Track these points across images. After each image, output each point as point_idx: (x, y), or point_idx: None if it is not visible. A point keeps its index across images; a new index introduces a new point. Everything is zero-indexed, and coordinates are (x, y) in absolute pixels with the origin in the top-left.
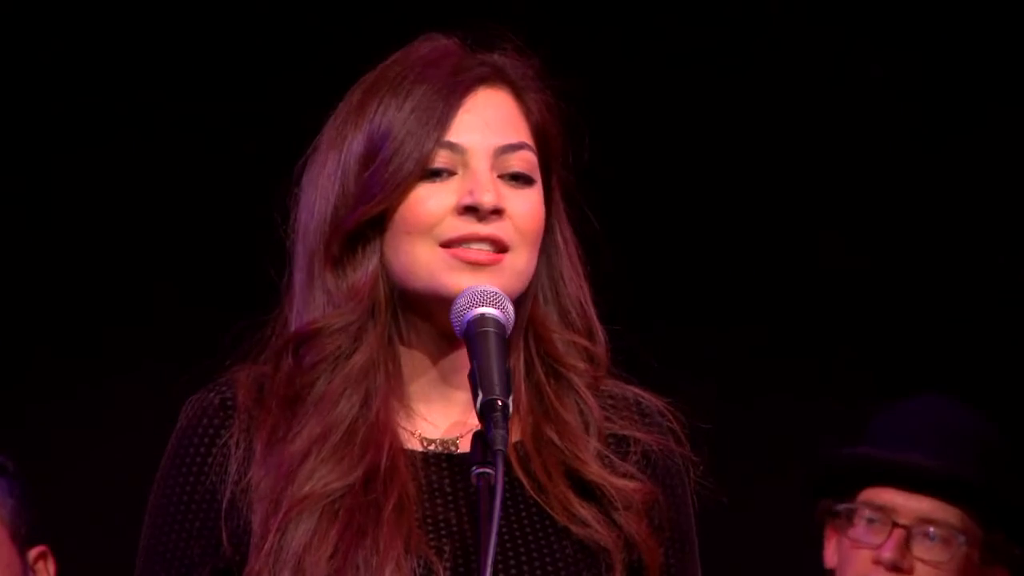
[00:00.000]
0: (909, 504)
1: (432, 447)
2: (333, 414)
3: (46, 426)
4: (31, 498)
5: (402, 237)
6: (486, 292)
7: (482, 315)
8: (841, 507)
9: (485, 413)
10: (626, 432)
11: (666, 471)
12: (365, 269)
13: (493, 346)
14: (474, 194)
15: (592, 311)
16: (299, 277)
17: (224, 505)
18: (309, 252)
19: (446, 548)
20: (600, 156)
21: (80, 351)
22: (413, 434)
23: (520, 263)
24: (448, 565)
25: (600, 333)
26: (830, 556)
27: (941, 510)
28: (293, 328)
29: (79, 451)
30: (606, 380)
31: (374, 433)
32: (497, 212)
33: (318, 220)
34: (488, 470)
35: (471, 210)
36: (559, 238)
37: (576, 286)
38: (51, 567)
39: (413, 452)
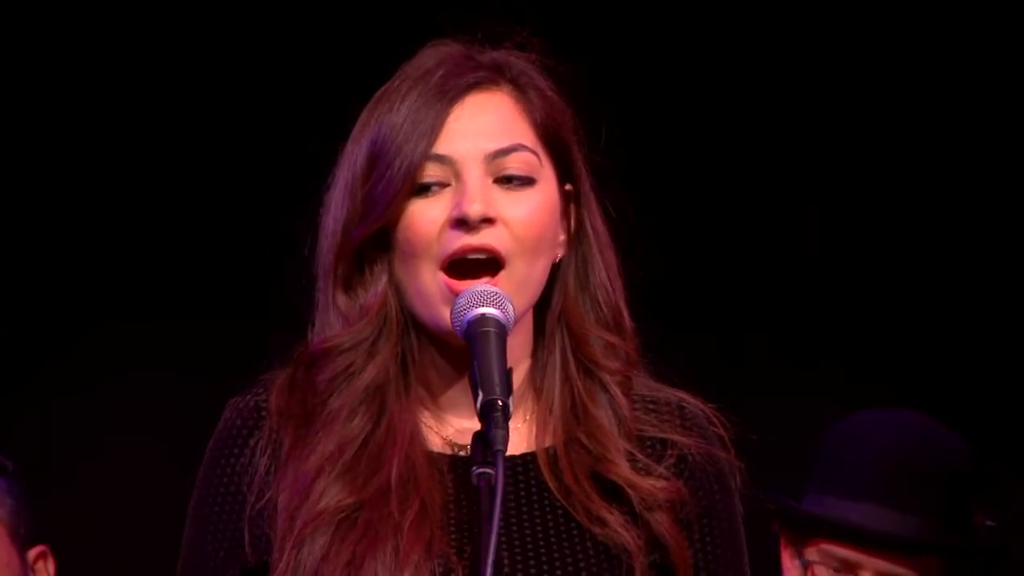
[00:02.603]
0: (871, 561)
1: (461, 452)
2: (346, 431)
3: (46, 426)
4: (30, 498)
5: (406, 259)
6: (486, 292)
7: (482, 315)
8: (799, 560)
9: (485, 413)
10: (664, 435)
11: (704, 475)
12: (375, 289)
13: (493, 346)
14: (461, 206)
15: (623, 305)
16: (319, 296)
17: (249, 509)
18: (324, 271)
19: (467, 549)
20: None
21: (80, 351)
22: (444, 439)
23: (519, 273)
24: (467, 564)
25: (630, 329)
26: (787, 565)
27: (903, 565)
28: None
29: (79, 451)
30: (649, 383)
31: (386, 449)
32: (488, 221)
33: (330, 240)
34: (488, 470)
35: (462, 222)
36: (588, 230)
37: (606, 279)
38: (51, 567)
39: (440, 455)
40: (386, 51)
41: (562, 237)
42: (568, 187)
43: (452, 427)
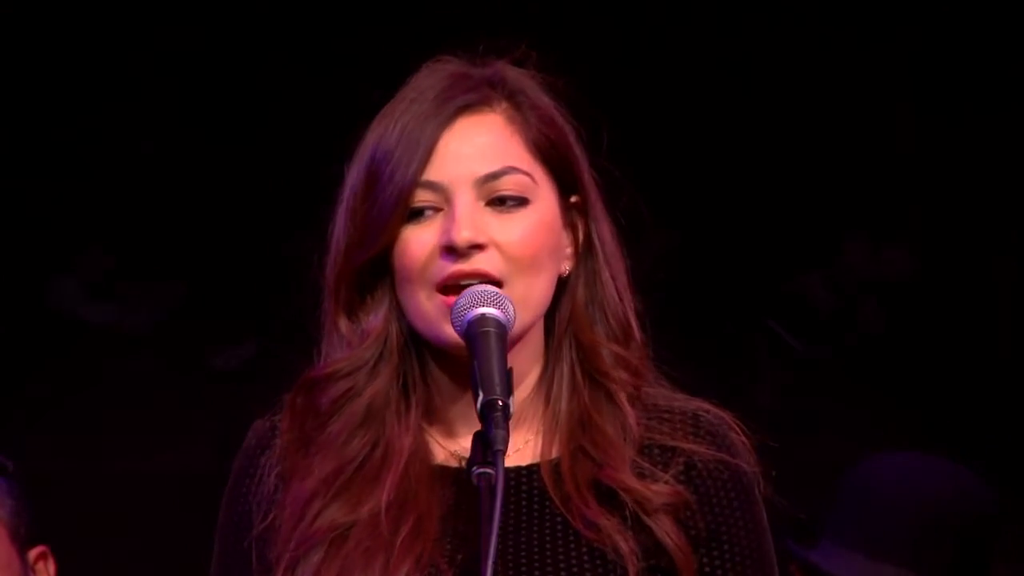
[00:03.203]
0: None
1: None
2: (343, 454)
3: (46, 426)
4: (30, 498)
5: (404, 283)
6: (486, 292)
7: (482, 315)
8: None
9: (485, 413)
10: (673, 443)
11: (717, 482)
12: (377, 314)
13: (493, 346)
14: (449, 233)
15: (632, 316)
16: (323, 319)
17: (254, 529)
18: (327, 292)
19: (458, 556)
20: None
21: (80, 351)
22: (451, 452)
23: (518, 292)
24: (458, 571)
25: (639, 340)
26: None
27: None
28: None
29: (79, 451)
30: (668, 393)
31: (383, 471)
32: (479, 247)
33: (332, 260)
34: (488, 470)
35: (451, 249)
36: (596, 242)
37: (615, 290)
38: (51, 567)
39: (445, 468)
40: (395, 59)
41: (569, 249)
42: (574, 199)
43: (459, 441)
